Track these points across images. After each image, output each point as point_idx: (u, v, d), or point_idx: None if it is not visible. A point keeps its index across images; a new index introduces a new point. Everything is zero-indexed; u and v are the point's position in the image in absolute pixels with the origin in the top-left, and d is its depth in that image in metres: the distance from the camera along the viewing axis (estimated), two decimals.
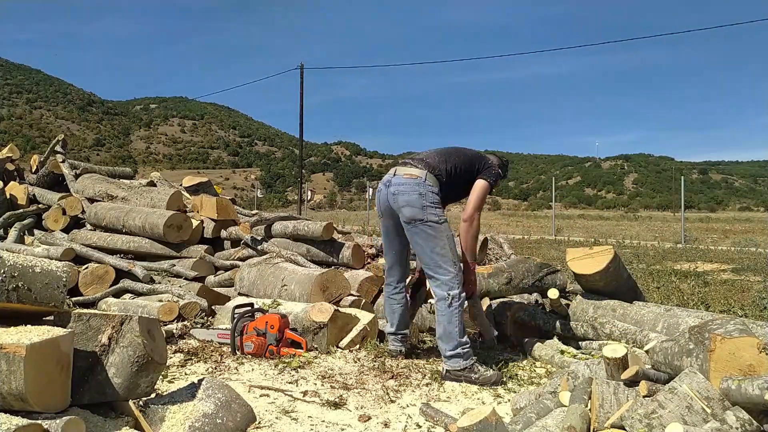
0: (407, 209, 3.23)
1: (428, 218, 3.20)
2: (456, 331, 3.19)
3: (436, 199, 3.25)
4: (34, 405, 1.87)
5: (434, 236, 3.22)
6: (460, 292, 3.23)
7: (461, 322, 3.22)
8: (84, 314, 2.23)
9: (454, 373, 3.21)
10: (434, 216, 3.22)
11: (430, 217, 3.21)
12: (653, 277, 7.53)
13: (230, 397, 2.43)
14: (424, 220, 3.21)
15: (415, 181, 3.26)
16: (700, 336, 2.19)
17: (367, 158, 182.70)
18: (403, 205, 3.24)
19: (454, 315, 3.20)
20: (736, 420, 1.82)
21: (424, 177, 3.26)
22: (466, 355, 3.21)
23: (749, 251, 12.75)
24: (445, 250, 3.23)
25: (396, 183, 3.30)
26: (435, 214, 3.22)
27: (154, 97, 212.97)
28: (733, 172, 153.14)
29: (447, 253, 3.23)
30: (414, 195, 3.23)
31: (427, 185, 3.25)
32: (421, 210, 3.21)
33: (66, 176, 7.04)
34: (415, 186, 3.24)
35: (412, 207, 3.22)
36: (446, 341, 3.22)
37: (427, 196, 3.22)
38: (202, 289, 4.85)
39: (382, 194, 3.39)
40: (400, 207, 3.26)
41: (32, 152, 8.81)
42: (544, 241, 16.09)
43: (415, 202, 3.22)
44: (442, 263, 3.23)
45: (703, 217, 39.04)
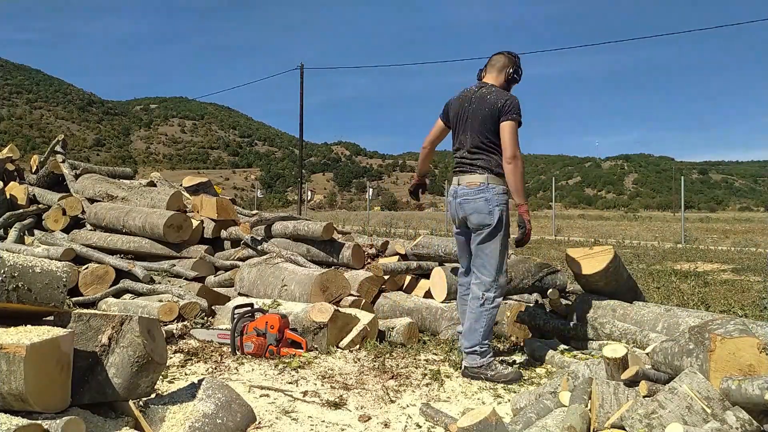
0: (475, 216, 3.30)
1: (494, 220, 3.26)
2: (480, 331, 3.24)
3: (503, 199, 3.29)
4: (34, 405, 1.87)
5: (491, 238, 3.28)
6: (495, 296, 3.27)
7: (488, 326, 3.26)
8: (84, 314, 2.23)
9: (471, 370, 3.26)
10: (499, 218, 3.26)
11: (496, 219, 3.26)
12: (653, 277, 7.53)
13: (230, 397, 2.43)
14: (491, 224, 3.26)
15: (477, 188, 3.31)
16: (700, 336, 2.19)
17: (367, 158, 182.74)
18: (471, 212, 3.32)
19: (483, 316, 3.25)
20: (736, 420, 1.82)
21: (486, 181, 3.30)
22: (483, 354, 3.24)
23: (749, 251, 12.75)
24: (495, 253, 3.27)
25: (461, 194, 3.37)
26: (500, 217, 3.26)
27: (154, 97, 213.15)
28: (733, 172, 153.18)
29: (495, 256, 3.27)
30: (480, 202, 3.29)
31: (490, 188, 3.29)
32: (488, 215, 3.27)
33: (66, 176, 7.04)
34: (480, 192, 3.30)
35: (479, 213, 3.29)
36: (468, 338, 3.28)
37: (492, 201, 3.27)
38: (202, 289, 4.85)
39: (452, 206, 3.48)
40: (468, 215, 3.34)
41: (32, 152, 8.82)
42: (544, 241, 16.09)
43: (482, 208, 3.28)
44: (488, 264, 3.28)
45: (703, 217, 39.05)
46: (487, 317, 3.26)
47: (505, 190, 3.31)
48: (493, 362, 3.24)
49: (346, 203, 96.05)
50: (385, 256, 5.30)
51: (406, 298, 4.62)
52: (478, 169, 3.35)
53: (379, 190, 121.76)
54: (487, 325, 3.26)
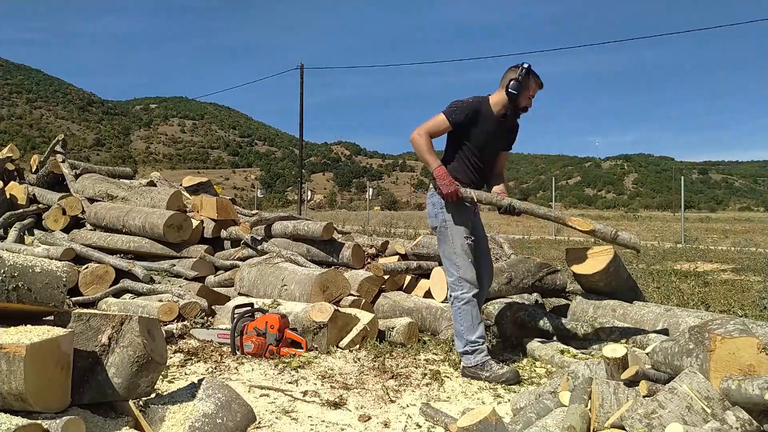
0: (429, 220, 3.45)
1: (439, 224, 3.36)
2: (462, 330, 3.29)
3: (442, 203, 3.33)
4: (34, 405, 1.87)
5: (441, 240, 3.39)
6: (462, 293, 3.29)
7: (468, 324, 3.27)
8: (84, 314, 2.23)
9: (468, 370, 3.29)
10: (442, 221, 3.35)
11: (440, 222, 3.36)
12: (653, 277, 7.52)
13: (230, 397, 2.43)
14: (437, 227, 3.38)
15: (428, 194, 3.46)
16: (700, 336, 2.18)
17: (367, 158, 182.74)
18: (428, 217, 3.47)
19: (458, 315, 3.31)
20: (736, 420, 1.82)
21: (433, 186, 3.39)
22: (475, 353, 3.26)
23: (749, 251, 12.75)
24: (449, 252, 3.34)
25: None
26: (443, 218, 3.34)
27: (154, 97, 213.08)
28: (733, 172, 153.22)
29: (451, 255, 3.33)
30: (429, 206, 3.43)
31: (435, 193, 3.37)
32: (434, 218, 3.39)
33: (66, 176, 7.04)
34: (428, 198, 3.45)
35: (429, 217, 3.43)
36: (458, 339, 3.35)
37: (436, 204, 3.36)
38: (202, 289, 4.85)
39: None
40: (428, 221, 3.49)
41: (32, 152, 8.82)
42: (544, 241, 16.08)
43: (430, 212, 3.42)
44: (448, 266, 3.37)
45: (703, 217, 39.03)
46: (462, 315, 3.28)
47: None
48: (487, 362, 3.24)
49: (346, 203, 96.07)
50: (385, 256, 5.30)
51: (406, 297, 4.62)
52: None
53: (379, 190, 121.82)
54: (465, 323, 3.28)
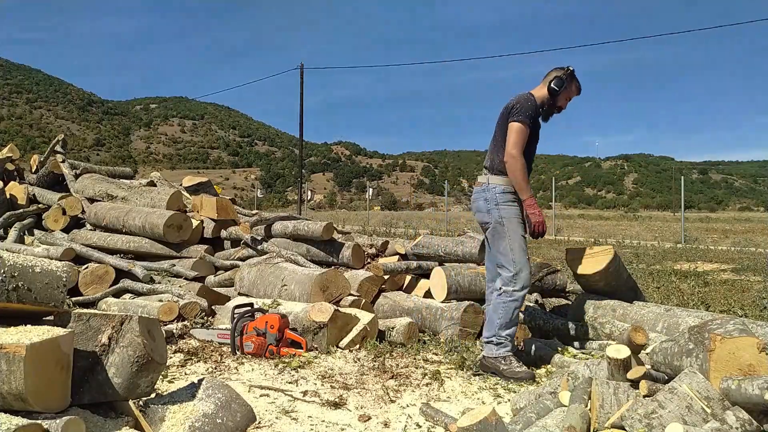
0: (478, 215, 3.47)
1: (493, 219, 3.36)
2: (497, 322, 3.31)
3: (502, 198, 3.34)
4: (34, 405, 1.87)
5: (497, 236, 3.37)
6: (514, 290, 3.30)
7: (505, 318, 3.30)
8: (84, 314, 2.23)
9: (487, 360, 3.32)
10: (498, 216, 3.34)
11: (495, 218, 3.35)
12: (653, 277, 7.53)
13: (230, 397, 2.43)
14: (490, 222, 3.38)
15: (480, 189, 3.46)
16: (700, 336, 2.19)
17: (367, 158, 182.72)
18: (475, 212, 3.50)
19: (499, 307, 3.32)
20: (736, 420, 1.82)
21: (487, 181, 3.42)
22: (499, 345, 3.29)
23: (749, 251, 12.75)
24: (507, 250, 3.33)
25: (473, 192, 3.55)
26: (499, 215, 3.34)
27: (154, 97, 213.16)
28: (733, 172, 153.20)
29: (508, 252, 3.33)
30: (480, 201, 3.43)
31: (490, 188, 3.38)
32: (487, 213, 3.39)
33: (66, 176, 7.04)
34: (481, 193, 3.44)
35: (480, 212, 3.44)
36: (487, 327, 3.37)
37: (491, 200, 3.37)
38: (202, 289, 4.85)
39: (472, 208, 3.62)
40: (475, 216, 3.52)
41: (32, 152, 8.82)
42: (544, 241, 16.09)
43: (482, 207, 3.42)
44: (504, 262, 3.35)
45: (703, 217, 39.02)
46: (504, 309, 3.30)
47: (506, 189, 3.35)
48: (509, 357, 3.28)
49: (346, 203, 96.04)
50: (385, 255, 5.30)
51: (406, 297, 4.62)
52: (483, 169, 3.50)
53: (379, 190, 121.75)
54: (503, 317, 3.30)
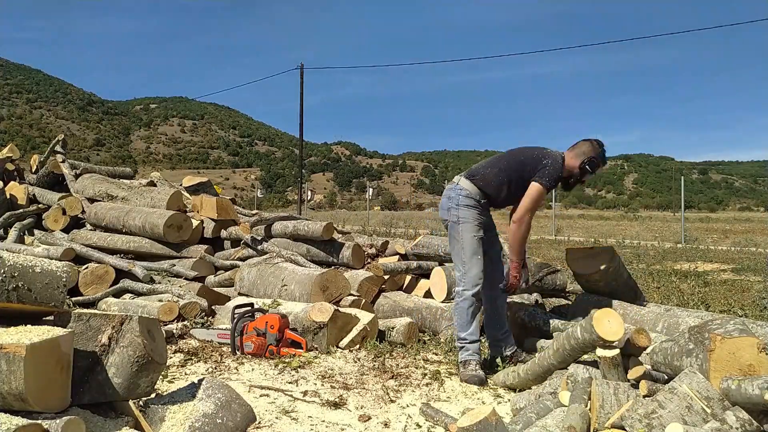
0: (441, 212, 3.48)
1: (451, 218, 3.36)
2: (455, 325, 3.35)
3: (464, 201, 3.34)
4: (34, 405, 1.87)
5: (452, 235, 3.38)
6: (464, 290, 3.29)
7: (462, 318, 3.29)
8: (84, 314, 2.23)
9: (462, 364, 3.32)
10: (455, 216, 3.34)
11: (452, 217, 3.35)
12: (653, 277, 7.52)
13: (230, 397, 2.43)
14: (448, 220, 3.39)
15: (448, 187, 3.46)
16: (700, 336, 2.19)
17: (367, 158, 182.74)
18: (439, 209, 3.52)
19: (455, 310, 3.35)
20: (736, 420, 1.82)
21: (458, 181, 3.42)
22: (462, 350, 3.30)
23: (749, 251, 12.74)
24: (458, 249, 3.33)
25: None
26: (456, 216, 3.33)
27: (154, 97, 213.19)
28: (733, 172, 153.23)
29: (459, 252, 3.33)
30: (444, 199, 3.44)
31: (457, 188, 3.38)
32: (446, 211, 3.39)
33: (66, 176, 7.04)
34: (448, 191, 3.44)
35: (442, 209, 3.45)
36: (459, 331, 3.35)
37: (453, 199, 3.37)
38: (202, 289, 4.85)
39: None
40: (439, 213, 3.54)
41: (32, 152, 8.82)
42: (544, 241, 16.08)
43: (444, 204, 3.43)
44: (456, 262, 3.37)
45: (703, 217, 39.01)
46: (458, 311, 3.30)
47: (470, 195, 3.31)
48: (468, 361, 3.25)
49: (346, 203, 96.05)
50: (385, 256, 5.30)
51: (406, 297, 4.62)
52: (464, 172, 3.49)
53: (379, 190, 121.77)
54: (458, 319, 3.30)
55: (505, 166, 3.35)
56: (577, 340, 2.62)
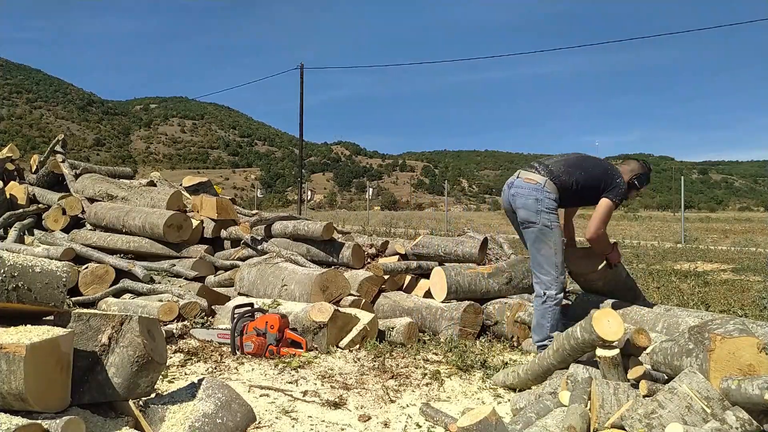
0: (522, 211, 3.47)
1: (541, 222, 3.41)
2: (547, 326, 3.45)
3: (552, 206, 3.43)
4: (34, 405, 1.87)
5: (542, 239, 3.43)
6: (556, 293, 3.43)
7: (553, 319, 3.44)
8: (84, 314, 2.23)
9: None
10: (546, 221, 3.41)
11: (543, 221, 3.41)
12: (653, 277, 7.52)
13: (230, 397, 2.43)
14: (536, 224, 3.42)
15: (533, 187, 3.46)
16: (699, 336, 2.19)
17: (367, 158, 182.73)
18: (520, 206, 3.48)
19: (547, 312, 3.45)
20: (736, 420, 1.82)
21: (543, 183, 3.44)
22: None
23: (749, 251, 12.74)
24: (549, 253, 3.43)
25: (517, 185, 3.53)
26: (548, 219, 3.41)
27: (154, 97, 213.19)
28: (733, 172, 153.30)
29: (551, 256, 3.43)
30: (530, 199, 3.44)
31: (545, 191, 3.42)
32: (535, 214, 3.42)
33: (66, 176, 7.04)
34: (533, 191, 3.45)
35: (527, 210, 3.45)
36: (537, 332, 3.51)
37: (542, 202, 3.41)
38: (202, 289, 4.85)
39: (505, 194, 3.63)
40: (517, 208, 3.51)
41: (32, 152, 8.81)
42: None
43: (531, 206, 3.43)
44: (544, 264, 3.45)
45: (703, 217, 38.98)
46: (552, 313, 3.43)
47: (556, 199, 3.43)
48: None
49: (346, 203, 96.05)
50: (385, 255, 5.30)
51: (406, 297, 4.62)
52: (543, 170, 3.50)
53: (379, 190, 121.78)
54: (552, 320, 3.44)
55: (582, 177, 3.47)
56: (577, 340, 2.62)
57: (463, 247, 4.82)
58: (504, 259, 5.39)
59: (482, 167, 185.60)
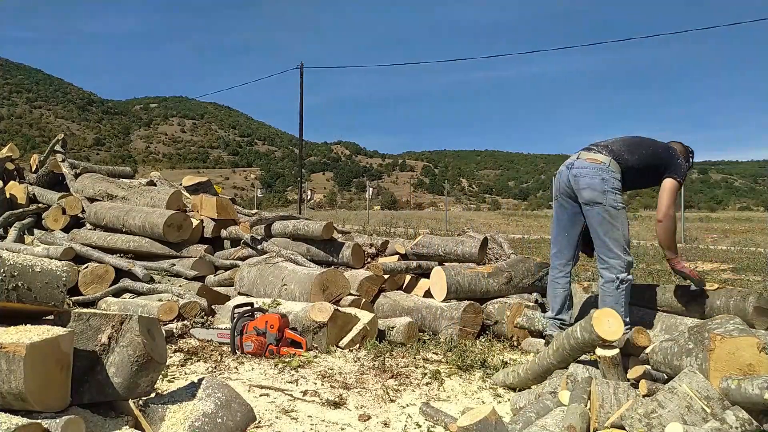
0: (587, 191, 3.34)
1: (608, 203, 3.30)
2: (621, 312, 3.28)
3: (618, 186, 3.34)
4: (34, 404, 1.87)
5: (610, 221, 3.31)
6: (628, 276, 3.32)
7: (626, 305, 3.33)
8: (84, 314, 2.23)
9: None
10: (614, 201, 3.31)
11: (610, 201, 3.30)
12: (653, 277, 7.52)
13: (230, 397, 2.43)
14: (603, 204, 3.31)
15: (598, 167, 3.36)
16: (699, 336, 2.19)
17: (367, 158, 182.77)
18: (584, 187, 3.35)
19: (621, 296, 3.31)
20: (735, 420, 1.82)
21: (608, 163, 3.35)
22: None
23: (749, 251, 12.74)
24: (618, 235, 3.31)
25: (579, 166, 3.41)
26: (615, 200, 3.31)
27: (154, 97, 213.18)
28: (733, 171, 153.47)
29: (620, 238, 3.31)
30: (596, 179, 3.33)
31: (610, 171, 3.34)
32: (601, 194, 3.31)
33: (66, 176, 7.04)
34: (599, 171, 3.34)
35: (593, 190, 3.33)
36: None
37: (608, 182, 3.32)
38: (202, 289, 4.85)
39: (563, 175, 3.50)
40: (580, 188, 3.37)
41: (32, 152, 8.81)
42: (544, 240, 16.07)
43: (597, 185, 3.32)
44: (614, 247, 3.32)
45: (703, 217, 38.96)
46: (624, 297, 3.31)
47: (620, 180, 3.35)
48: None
49: (346, 203, 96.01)
50: (385, 255, 5.30)
51: (406, 297, 4.62)
52: (604, 150, 3.41)
53: (379, 190, 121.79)
54: (625, 306, 3.33)
55: (644, 156, 3.39)
56: (577, 340, 2.62)
57: (463, 247, 4.82)
58: (504, 259, 5.39)
59: (482, 167, 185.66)
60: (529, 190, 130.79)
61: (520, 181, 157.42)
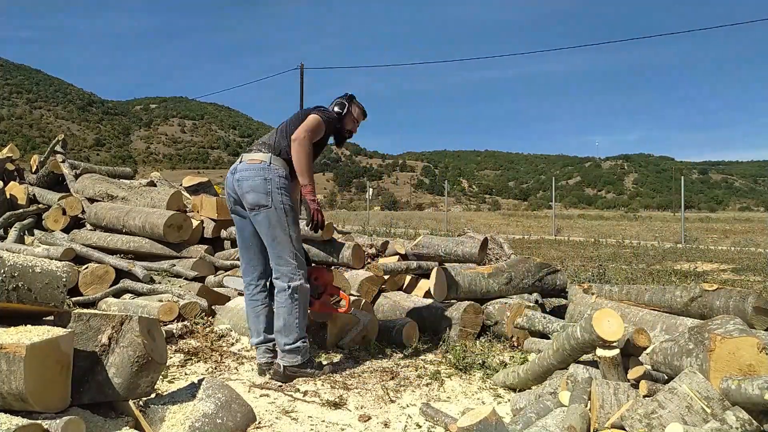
0: (251, 195, 3.10)
1: (274, 204, 3.08)
2: (296, 324, 3.11)
3: (284, 183, 3.13)
4: (34, 405, 1.87)
5: (277, 224, 3.09)
6: (302, 283, 3.13)
7: (303, 316, 3.14)
8: (84, 314, 2.23)
9: (290, 369, 3.11)
10: (280, 202, 3.09)
11: (276, 202, 3.08)
12: (653, 277, 7.53)
13: (230, 397, 2.43)
14: (268, 206, 3.08)
15: (259, 166, 3.13)
16: (700, 336, 2.19)
17: (367, 158, 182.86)
18: (248, 190, 3.10)
19: (294, 307, 3.11)
20: (736, 420, 1.82)
21: (269, 160, 3.14)
22: (305, 350, 3.15)
23: (749, 251, 12.74)
24: (286, 239, 3.10)
25: (241, 169, 3.16)
26: (281, 201, 3.09)
27: (154, 97, 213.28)
28: (733, 172, 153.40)
29: (288, 242, 3.10)
30: (258, 180, 3.10)
31: (272, 168, 3.12)
32: (266, 195, 3.08)
33: (66, 176, 7.04)
34: (260, 171, 3.11)
35: (257, 192, 3.09)
36: (286, 334, 3.11)
37: (272, 181, 3.10)
38: (203, 289, 4.84)
39: (228, 183, 3.23)
40: (244, 193, 3.12)
41: (32, 152, 8.82)
42: (544, 241, 16.09)
43: (260, 187, 3.09)
44: (283, 253, 3.11)
45: (703, 217, 38.99)
46: (299, 307, 3.12)
47: (287, 176, 3.15)
48: (312, 358, 3.19)
49: (346, 203, 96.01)
50: (385, 256, 5.30)
51: (406, 297, 4.62)
52: (263, 147, 3.21)
53: (379, 190, 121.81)
54: (301, 317, 3.12)
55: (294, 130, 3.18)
56: (577, 340, 2.62)
57: (463, 247, 4.82)
58: (504, 259, 5.40)
59: (482, 167, 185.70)
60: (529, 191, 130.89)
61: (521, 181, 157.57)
